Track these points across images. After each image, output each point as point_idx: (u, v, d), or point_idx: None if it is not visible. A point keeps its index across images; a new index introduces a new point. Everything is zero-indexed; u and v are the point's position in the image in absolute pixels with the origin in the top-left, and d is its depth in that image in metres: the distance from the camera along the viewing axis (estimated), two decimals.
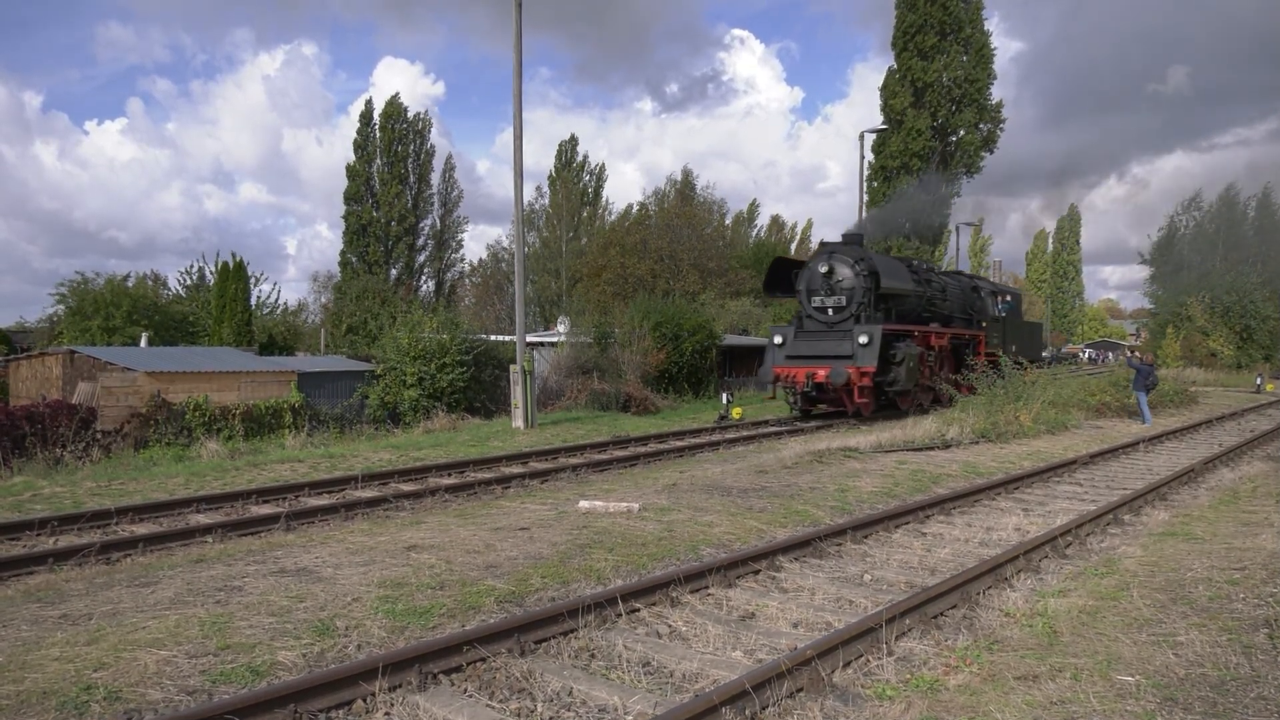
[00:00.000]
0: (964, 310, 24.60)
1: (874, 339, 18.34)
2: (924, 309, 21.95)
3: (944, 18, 42.87)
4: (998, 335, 26.07)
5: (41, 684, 4.28)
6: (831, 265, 19.58)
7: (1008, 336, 27.13)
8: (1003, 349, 25.51)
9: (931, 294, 22.58)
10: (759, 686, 4.24)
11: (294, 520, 8.53)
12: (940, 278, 24.32)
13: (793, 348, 19.63)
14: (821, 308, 19.73)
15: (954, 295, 24.19)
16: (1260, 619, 5.44)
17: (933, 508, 9.26)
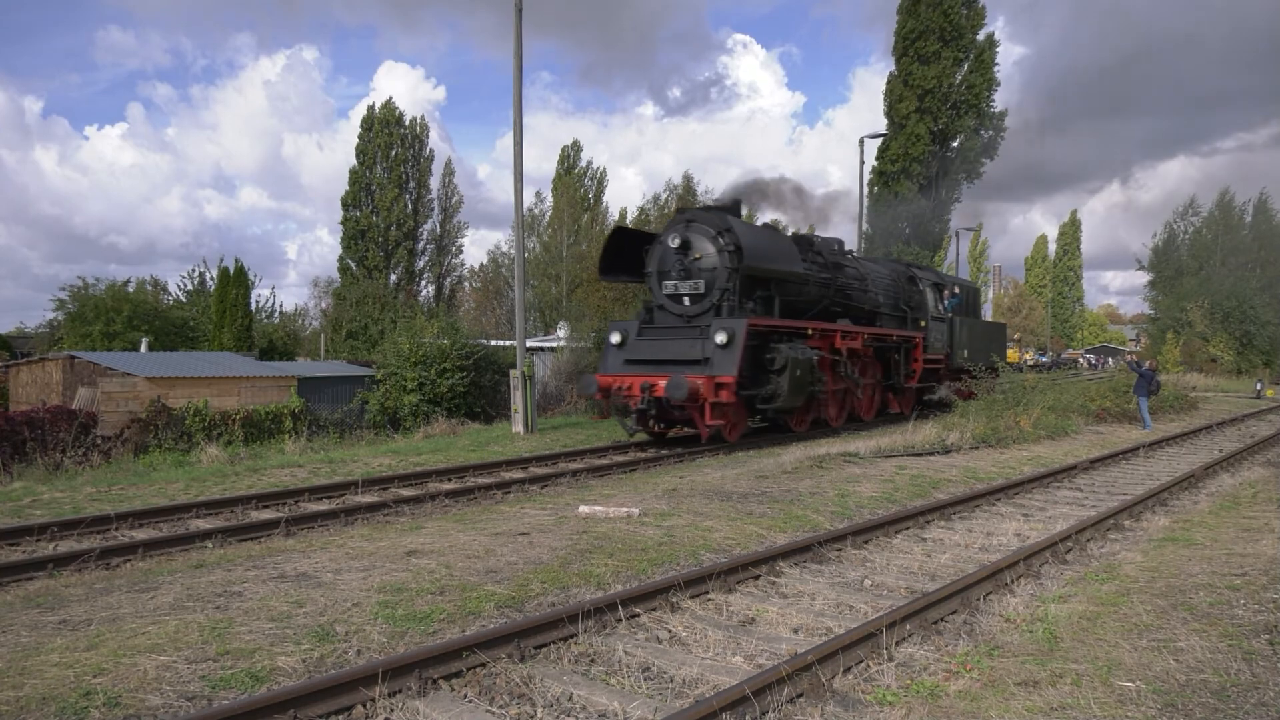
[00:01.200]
0: (896, 305, 20.49)
1: (735, 337, 13.79)
2: (831, 301, 17.66)
3: (945, 24, 42.98)
4: (942, 337, 22.32)
5: (41, 689, 4.28)
6: (687, 238, 14.84)
7: (957, 339, 23.24)
8: (949, 353, 22.50)
9: (843, 282, 18.13)
10: (759, 692, 4.24)
11: (294, 525, 8.53)
12: (861, 264, 19.85)
13: (634, 349, 14.95)
14: (675, 295, 15.07)
15: (881, 286, 19.98)
16: (1261, 625, 5.43)
17: (933, 513, 9.26)
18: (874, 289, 19.55)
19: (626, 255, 16.14)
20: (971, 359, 23.49)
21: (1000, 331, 28.84)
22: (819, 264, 17.39)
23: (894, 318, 20.35)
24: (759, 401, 14.75)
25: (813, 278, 16.94)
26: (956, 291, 24.26)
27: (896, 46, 44.51)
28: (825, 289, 17.40)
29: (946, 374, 22.63)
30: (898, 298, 20.63)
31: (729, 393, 13.55)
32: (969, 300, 25.98)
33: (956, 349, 23.07)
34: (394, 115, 52.69)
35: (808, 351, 15.28)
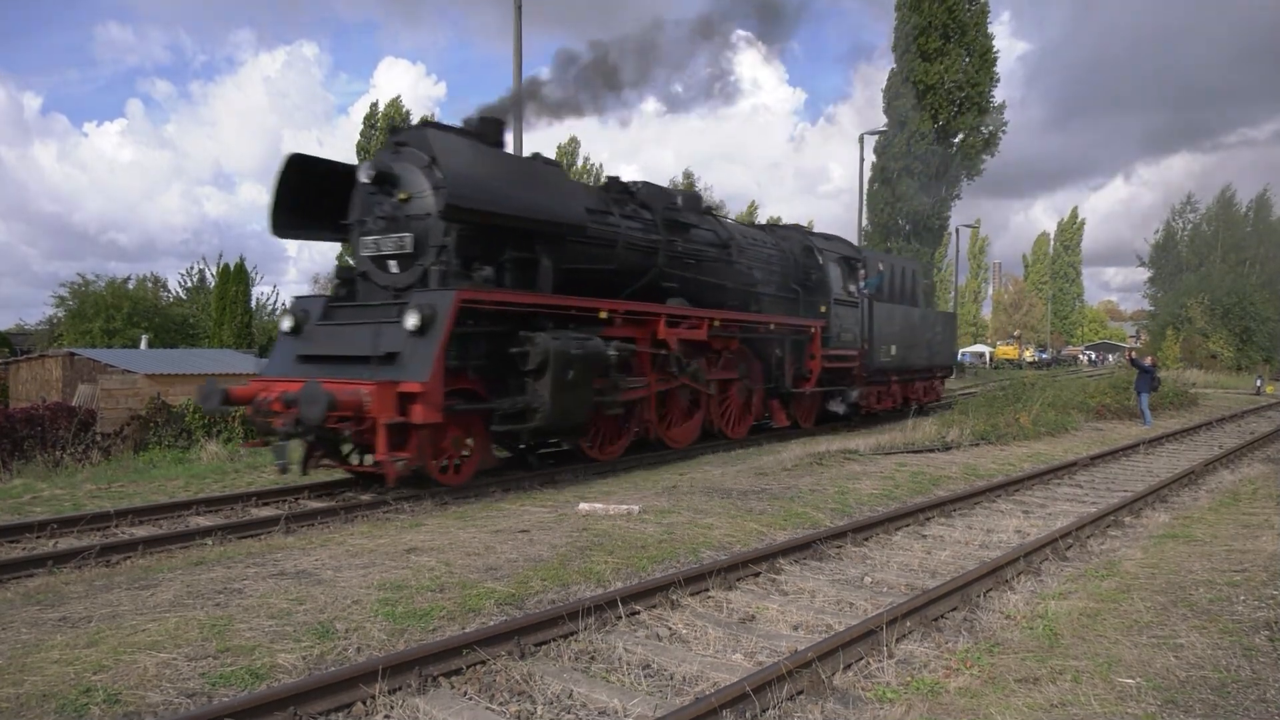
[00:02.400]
0: (784, 285, 15.97)
1: (436, 320, 9.03)
2: (663, 274, 12.70)
3: (948, 20, 42.92)
4: (855, 327, 17.52)
5: (41, 686, 4.28)
6: (390, 170, 10.01)
7: (877, 331, 18.19)
8: (865, 349, 17.92)
9: (686, 249, 13.15)
10: (759, 689, 4.24)
11: (294, 522, 8.52)
12: (725, 227, 14.90)
13: (310, 338, 10.18)
14: (378, 256, 10.20)
15: (758, 258, 15.22)
16: (1261, 621, 5.43)
17: (933, 510, 9.26)
18: (746, 261, 14.75)
19: (324, 199, 10.78)
20: (905, 357, 19.65)
21: (949, 324, 23.83)
22: (640, 221, 12.29)
23: (780, 300, 15.78)
24: (498, 420, 9.82)
25: (621, 238, 11.78)
26: (881, 269, 19.58)
27: (898, 43, 44.45)
28: (649, 256, 12.33)
29: (862, 375, 17.98)
30: (786, 275, 16.03)
31: (427, 408, 8.68)
32: (902, 282, 20.77)
33: (878, 344, 18.30)
34: (400, 113, 52.54)
35: (595, 343, 10.44)
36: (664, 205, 13.16)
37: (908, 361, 20.05)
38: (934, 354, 21.99)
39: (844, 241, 19.19)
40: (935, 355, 22.17)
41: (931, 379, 22.73)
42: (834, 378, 17.25)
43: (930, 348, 21.46)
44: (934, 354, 21.99)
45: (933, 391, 22.88)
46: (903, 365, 19.84)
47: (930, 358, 21.76)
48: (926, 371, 22.03)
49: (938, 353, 22.31)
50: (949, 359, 23.84)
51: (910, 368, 20.50)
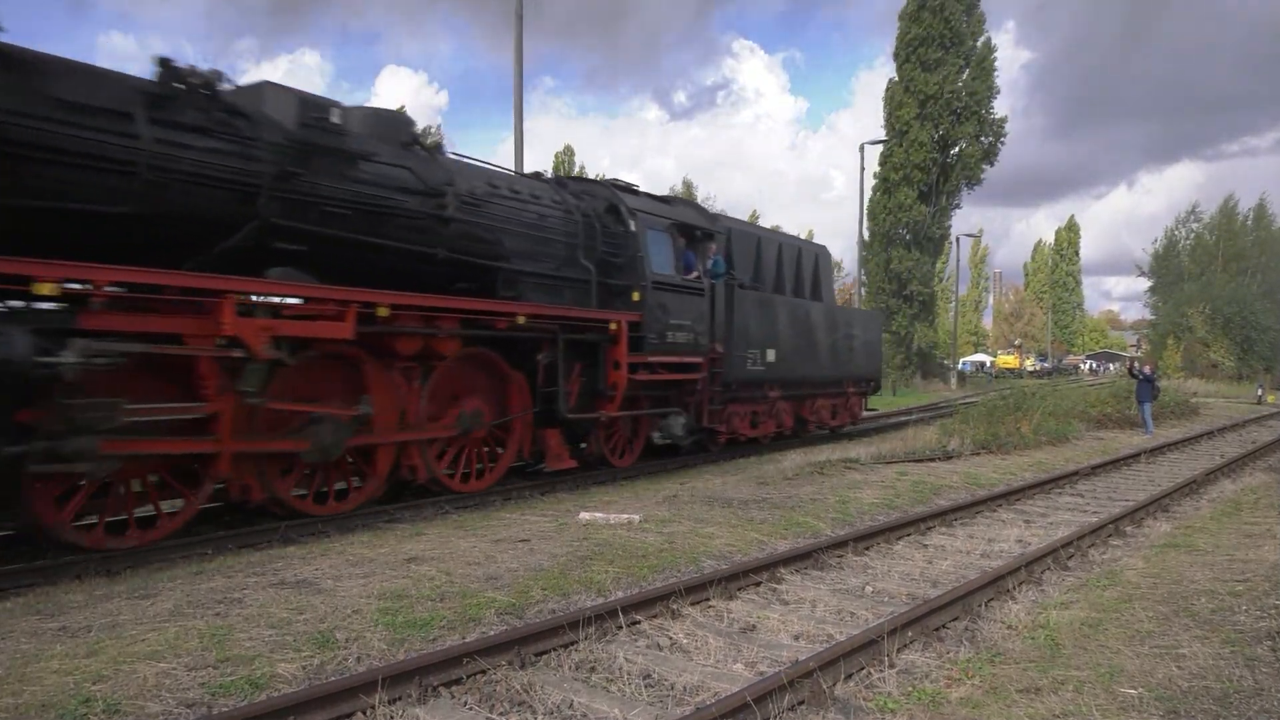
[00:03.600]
0: (566, 261, 11.24)
1: None
2: (262, 230, 7.87)
3: (946, 31, 43.11)
4: (697, 326, 12.68)
5: (40, 696, 4.27)
6: None
7: (744, 333, 13.78)
8: (721, 353, 13.28)
9: (318, 192, 8.29)
10: (760, 699, 4.23)
11: (294, 531, 8.50)
12: (432, 163, 9.61)
13: None
14: None
15: (504, 218, 10.34)
16: (1263, 631, 5.42)
17: (934, 519, 9.24)
18: (483, 221, 9.87)
19: None
20: (795, 365, 15.18)
21: (870, 326, 19.04)
22: (228, 139, 7.64)
23: (558, 283, 11.02)
24: None
25: (161, 164, 7.13)
26: (742, 241, 14.90)
27: (898, 53, 44.65)
28: (244, 199, 7.74)
29: (715, 390, 13.40)
30: (573, 246, 11.19)
31: None
32: (795, 269, 16.11)
33: (742, 347, 13.66)
34: None
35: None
36: (294, 118, 8.25)
37: (800, 371, 15.60)
38: (846, 363, 17.41)
39: (688, 206, 14.86)
40: (849, 365, 17.53)
41: (843, 395, 17.97)
42: (664, 395, 12.74)
43: (840, 355, 17.05)
44: (846, 363, 17.41)
45: (847, 411, 18.32)
46: (791, 376, 15.34)
47: (839, 367, 17.25)
48: (833, 386, 17.45)
49: (853, 362, 17.65)
50: (872, 369, 19.12)
51: (806, 380, 16.13)
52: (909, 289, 46.07)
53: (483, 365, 10.30)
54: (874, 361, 19.33)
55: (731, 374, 13.61)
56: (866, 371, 18.82)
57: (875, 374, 19.56)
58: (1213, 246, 59.19)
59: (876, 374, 19.73)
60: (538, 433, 10.98)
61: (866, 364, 18.69)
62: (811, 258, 17.38)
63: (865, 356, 18.43)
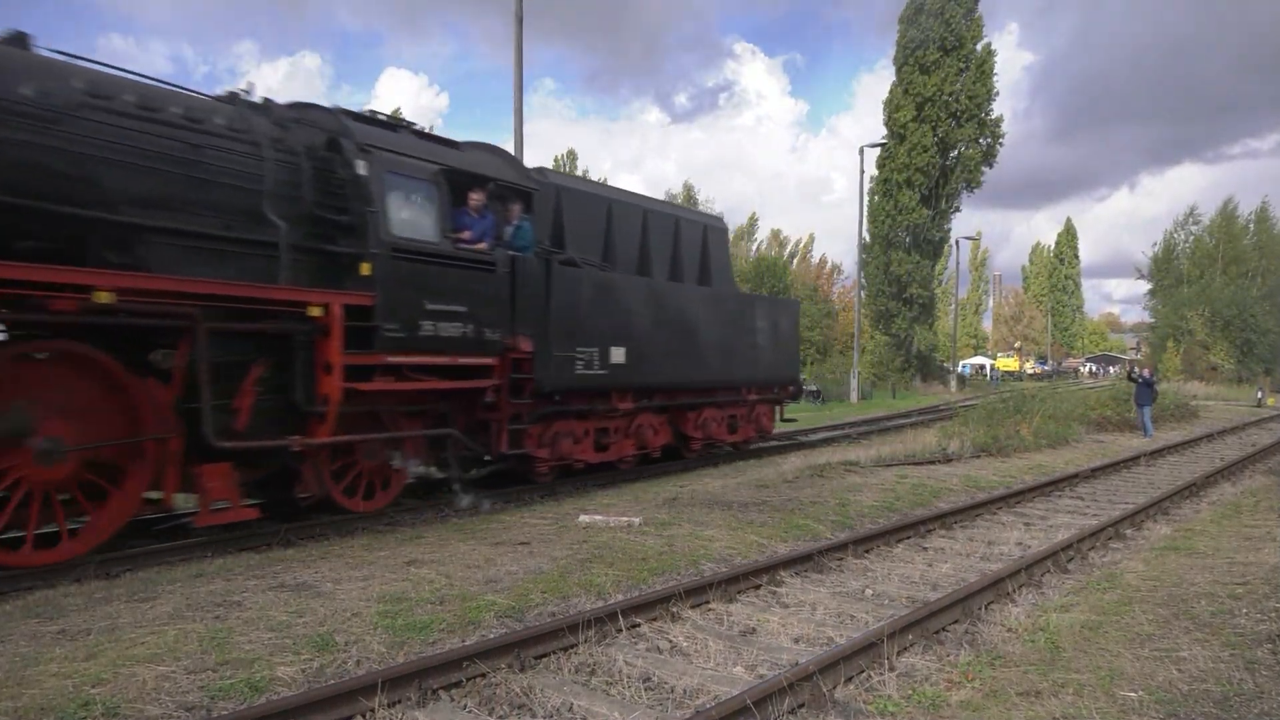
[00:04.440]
0: (246, 216, 7.82)
1: None
2: None
3: (945, 33, 43.19)
4: (489, 313, 9.45)
5: (39, 700, 4.26)
6: None
7: (557, 324, 10.32)
8: (542, 353, 10.06)
9: None
10: (760, 702, 4.22)
11: (293, 534, 8.49)
12: None
13: None
14: None
15: (102, 140, 6.88)
16: (1263, 634, 5.42)
17: (934, 522, 9.24)
18: (62, 144, 6.71)
19: None
20: (664, 367, 12.02)
21: (784, 318, 15.30)
22: None
23: (222, 245, 7.76)
24: None
25: None
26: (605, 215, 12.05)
27: (898, 56, 44.74)
28: None
29: (523, 405, 9.99)
30: (252, 191, 7.90)
31: None
32: (673, 242, 13.13)
33: (560, 342, 10.29)
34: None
35: None
36: None
37: (670, 375, 12.30)
38: (746, 363, 13.97)
39: (490, 153, 10.96)
40: (750, 365, 14.08)
41: (743, 404, 14.43)
42: (432, 410, 9.43)
43: (737, 353, 13.67)
44: (746, 363, 13.97)
45: (751, 424, 14.85)
46: (655, 381, 12.05)
47: (735, 369, 13.72)
48: (728, 392, 13.88)
49: (756, 362, 14.19)
50: (786, 371, 15.31)
51: (683, 386, 12.77)
52: (909, 292, 46.12)
53: (77, 367, 6.84)
54: (788, 361, 15.46)
55: (551, 380, 10.15)
56: (778, 373, 15.00)
57: (791, 376, 15.76)
58: (1212, 249, 59.24)
59: (793, 376, 15.88)
60: (192, 469, 7.38)
61: (777, 364, 14.87)
62: (697, 233, 13.81)
63: (775, 355, 14.77)
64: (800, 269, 66.52)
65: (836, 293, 62.99)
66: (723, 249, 14.80)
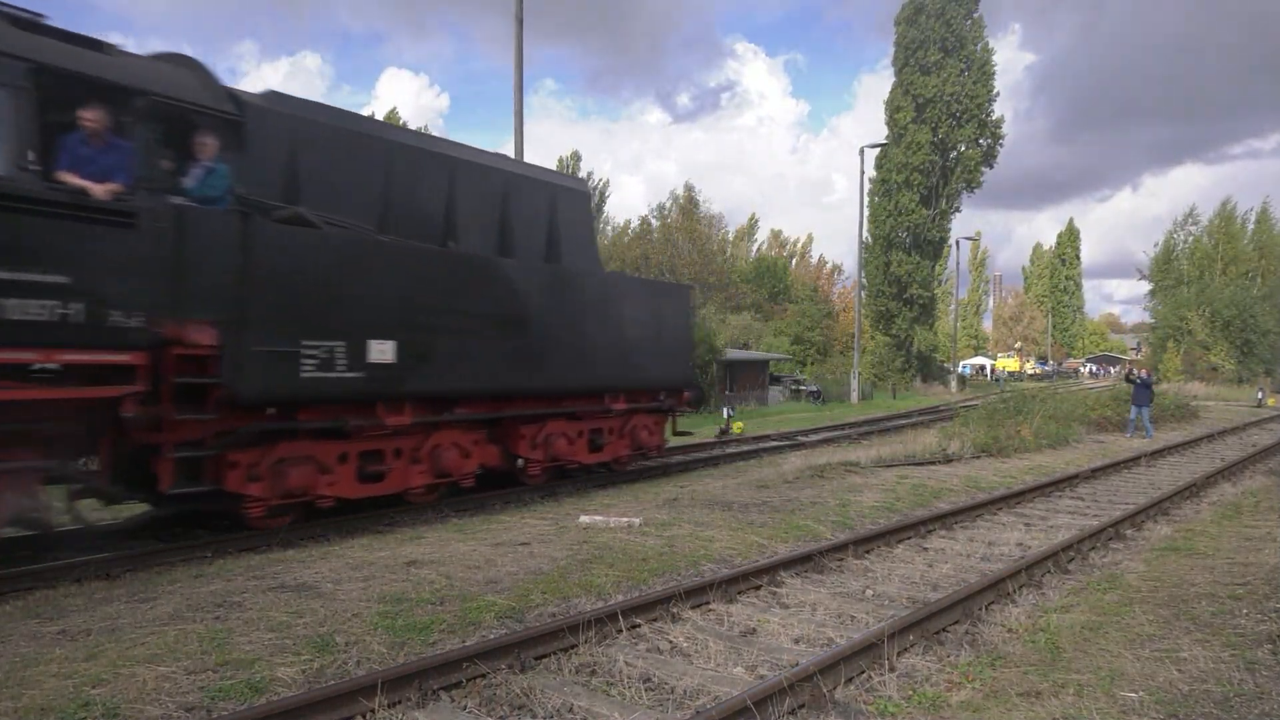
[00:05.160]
0: None
1: None
2: None
3: (946, 34, 43.20)
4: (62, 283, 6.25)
5: (39, 700, 4.26)
6: None
7: (263, 305, 7.48)
8: (218, 346, 7.20)
9: None
10: (760, 703, 4.22)
11: (293, 534, 8.49)
12: None
13: None
14: None
15: None
16: (1264, 634, 5.41)
17: (934, 522, 9.24)
18: None
19: None
20: (470, 368, 9.39)
21: (671, 305, 12.50)
22: None
23: None
24: None
25: None
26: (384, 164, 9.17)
27: (897, 57, 44.75)
28: None
29: (214, 419, 7.31)
30: None
31: None
32: (449, 201, 9.90)
33: (271, 331, 7.57)
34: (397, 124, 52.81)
35: None
36: None
37: (495, 379, 9.69)
38: (615, 363, 11.28)
39: (172, 65, 8.05)
40: (626, 367, 11.48)
41: (610, 415, 11.62)
42: (52, 430, 6.60)
43: (599, 351, 11.03)
44: (615, 363, 11.28)
45: (626, 440, 12.01)
46: (462, 387, 9.42)
47: (597, 370, 11.04)
48: (588, 401, 11.17)
49: (630, 361, 11.52)
50: (675, 372, 12.50)
51: (514, 393, 10.08)
52: (909, 292, 46.14)
53: None
54: (677, 361, 12.46)
55: (253, 386, 7.44)
56: (662, 376, 12.24)
57: (682, 379, 12.73)
58: (1211, 250, 59.23)
59: (684, 379, 12.81)
60: None
61: (661, 364, 12.09)
62: (541, 198, 11.07)
63: (658, 353, 11.98)
64: (799, 269, 66.56)
65: (837, 293, 63.04)
66: (582, 221, 11.92)
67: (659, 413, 12.72)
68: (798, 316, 48.74)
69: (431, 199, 9.82)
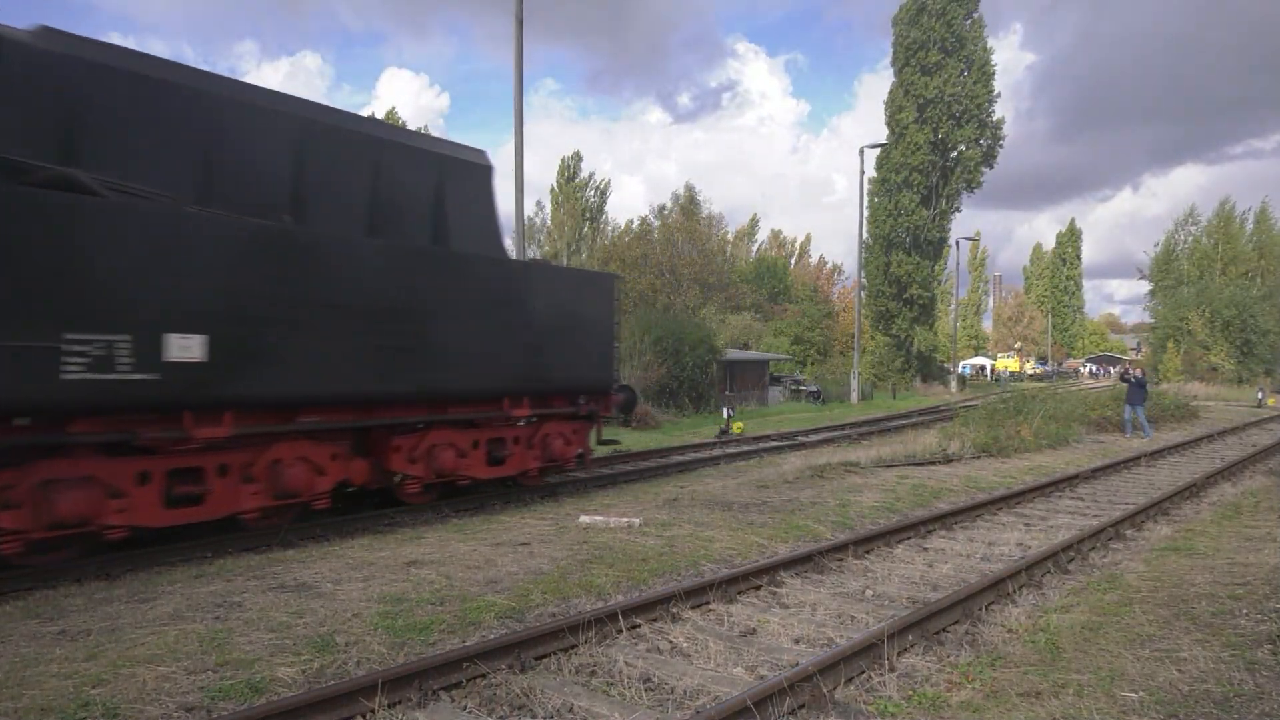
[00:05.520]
0: None
1: None
2: None
3: (946, 34, 43.19)
4: None
5: (40, 700, 4.26)
6: None
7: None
8: None
9: None
10: (760, 703, 4.22)
11: (293, 534, 8.50)
12: None
13: None
14: None
15: None
16: (1264, 634, 5.41)
17: (934, 523, 9.24)
18: None
19: None
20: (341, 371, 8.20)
21: (586, 294, 11.10)
22: None
23: None
24: None
25: None
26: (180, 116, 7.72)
27: (897, 57, 44.74)
28: None
29: None
30: None
31: None
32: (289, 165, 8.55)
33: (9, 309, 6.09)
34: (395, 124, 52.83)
35: None
36: None
37: (352, 381, 8.37)
38: (517, 364, 9.93)
39: None
40: (531, 368, 10.09)
41: (513, 423, 10.22)
42: None
43: (496, 349, 9.68)
44: (517, 364, 9.93)
45: (536, 450, 10.57)
46: (305, 390, 8.06)
47: (487, 373, 9.65)
48: (482, 407, 9.80)
49: (540, 362, 10.18)
50: (596, 376, 11.07)
51: (382, 398, 8.76)
52: (909, 292, 46.14)
53: None
54: (595, 360, 10.99)
55: None
56: (578, 378, 10.80)
57: (601, 381, 11.16)
58: (1210, 250, 59.23)
59: (604, 381, 11.19)
60: None
61: (576, 364, 10.71)
62: (425, 171, 9.69)
63: (572, 351, 10.61)
64: (798, 269, 66.56)
65: (837, 293, 63.04)
66: (480, 198, 10.30)
67: (578, 420, 11.18)
68: (798, 317, 48.76)
69: (273, 166, 8.41)
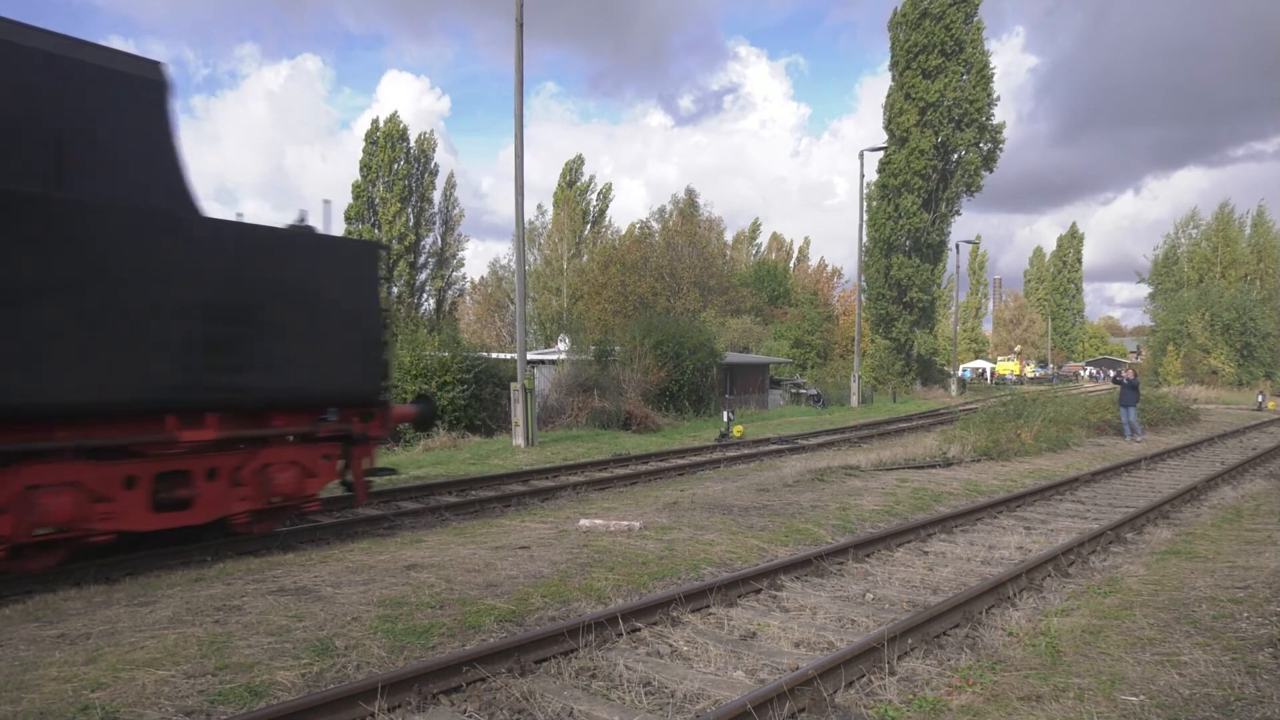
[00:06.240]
0: None
1: None
2: None
3: (946, 38, 43.21)
4: None
5: (39, 704, 4.26)
6: None
7: None
8: None
9: None
10: (760, 707, 4.22)
11: (293, 539, 8.50)
12: None
13: None
14: None
15: None
16: (1264, 638, 5.41)
17: (935, 526, 9.23)
18: None
19: None
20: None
21: (343, 270, 8.35)
22: None
23: None
24: None
25: None
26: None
27: (897, 60, 44.76)
28: None
29: None
30: None
31: None
32: None
33: None
34: (398, 130, 52.83)
35: None
36: None
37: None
38: (212, 359, 7.29)
39: None
40: (240, 364, 7.51)
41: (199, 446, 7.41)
42: None
43: (168, 338, 7.03)
44: (212, 359, 7.29)
45: (254, 489, 7.83)
46: None
47: (142, 379, 6.87)
48: (134, 428, 6.99)
49: (246, 363, 7.56)
50: (358, 382, 8.54)
51: None
52: (909, 296, 46.12)
53: None
54: (352, 357, 8.50)
55: None
56: (327, 383, 8.30)
57: (367, 390, 8.67)
58: (1210, 254, 59.24)
59: (370, 390, 8.69)
60: None
61: (318, 363, 8.19)
62: (40, 79, 6.84)
63: (313, 347, 8.12)
64: (798, 272, 66.59)
65: (837, 296, 63.07)
66: (148, 127, 7.51)
67: (321, 442, 8.36)
68: (798, 320, 48.74)
69: None
